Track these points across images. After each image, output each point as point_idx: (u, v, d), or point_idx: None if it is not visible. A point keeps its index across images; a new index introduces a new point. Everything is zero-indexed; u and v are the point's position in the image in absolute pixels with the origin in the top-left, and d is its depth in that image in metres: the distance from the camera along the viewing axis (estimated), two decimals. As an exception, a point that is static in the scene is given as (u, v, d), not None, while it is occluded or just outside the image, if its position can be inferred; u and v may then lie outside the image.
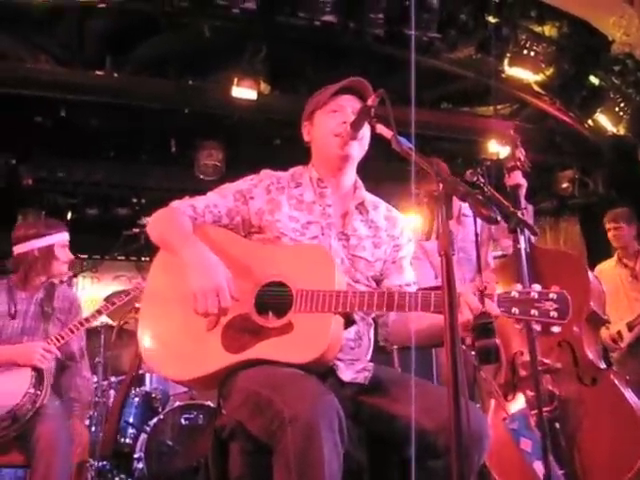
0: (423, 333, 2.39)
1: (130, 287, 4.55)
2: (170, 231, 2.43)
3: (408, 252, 2.66)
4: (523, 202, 3.71)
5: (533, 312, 2.04)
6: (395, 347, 2.58)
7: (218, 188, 2.61)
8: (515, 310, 2.07)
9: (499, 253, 4.73)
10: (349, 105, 2.54)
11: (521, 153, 3.76)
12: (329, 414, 1.95)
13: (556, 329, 2.04)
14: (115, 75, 6.62)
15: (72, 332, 3.87)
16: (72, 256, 4.16)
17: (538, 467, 3.20)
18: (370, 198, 2.67)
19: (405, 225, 2.68)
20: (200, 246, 2.34)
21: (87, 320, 4.01)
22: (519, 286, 2.11)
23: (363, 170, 2.68)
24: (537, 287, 2.08)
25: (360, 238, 2.54)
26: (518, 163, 3.71)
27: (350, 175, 2.63)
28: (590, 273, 3.60)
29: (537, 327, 2.11)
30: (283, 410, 1.96)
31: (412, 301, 2.19)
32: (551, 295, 2.04)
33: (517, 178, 3.69)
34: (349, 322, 2.33)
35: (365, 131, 2.53)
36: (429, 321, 2.32)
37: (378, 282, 2.58)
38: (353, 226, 2.55)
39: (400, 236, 2.64)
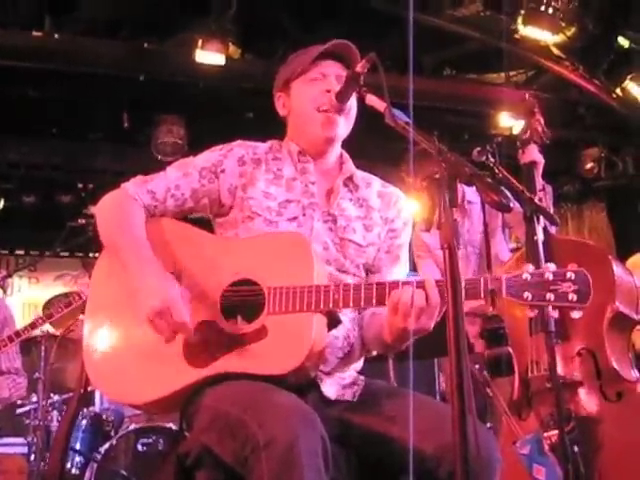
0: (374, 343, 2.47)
1: (74, 290, 4.54)
2: (120, 236, 2.42)
3: (406, 239, 2.66)
4: (540, 182, 3.69)
5: (549, 296, 2.05)
6: (374, 353, 2.60)
7: (179, 162, 2.59)
8: (528, 295, 2.07)
9: (513, 245, 4.73)
10: (333, 72, 2.53)
11: (539, 123, 3.74)
12: (311, 436, 1.95)
13: (576, 314, 2.06)
14: (56, 36, 6.56)
15: None
16: None
17: (554, 497, 3.22)
18: (361, 174, 2.67)
19: (402, 206, 2.67)
20: (151, 264, 2.33)
21: (18, 334, 3.98)
22: (531, 267, 2.12)
23: (349, 149, 2.68)
24: (552, 266, 2.09)
25: (349, 219, 2.54)
26: (535, 135, 3.70)
27: (335, 151, 2.63)
28: (616, 266, 3.57)
29: (554, 314, 2.13)
30: (257, 433, 1.96)
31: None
32: (568, 275, 2.05)
33: (533, 154, 3.68)
34: (334, 322, 2.32)
35: (352, 103, 2.53)
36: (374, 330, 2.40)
37: (368, 273, 2.58)
38: (340, 205, 2.55)
39: (396, 219, 2.63)
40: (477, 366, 3.82)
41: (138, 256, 2.35)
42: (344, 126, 2.56)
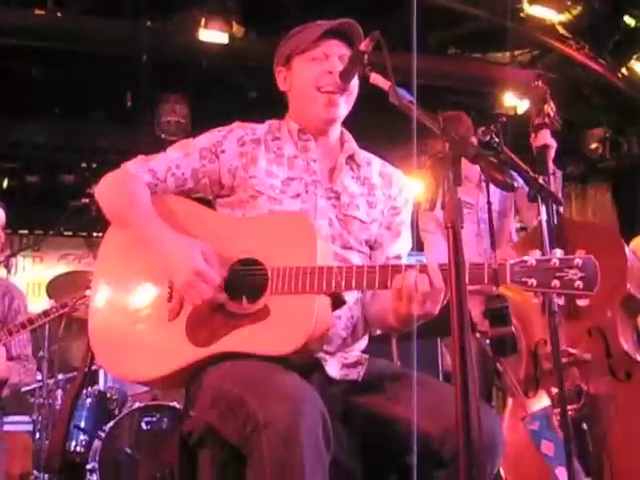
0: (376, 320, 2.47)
1: (78, 269, 4.56)
2: (130, 209, 2.42)
3: (406, 216, 2.66)
4: (551, 166, 3.72)
5: (554, 283, 2.01)
6: (378, 332, 2.60)
7: (179, 143, 2.59)
8: (532, 281, 2.03)
9: (518, 225, 4.74)
10: (335, 52, 2.50)
11: (551, 108, 3.76)
12: (311, 416, 1.95)
13: (582, 302, 2.03)
14: (58, 15, 6.54)
15: (10, 334, 3.84)
16: (2, 235, 4.13)
17: (561, 474, 3.23)
18: (362, 153, 2.66)
19: (403, 184, 2.67)
20: (167, 232, 2.35)
21: (30, 321, 3.99)
22: (538, 252, 2.09)
23: (351, 127, 2.66)
24: (558, 253, 2.06)
25: (353, 196, 2.53)
26: (547, 120, 3.72)
27: (336, 130, 2.62)
28: (627, 249, 3.60)
29: (559, 300, 2.09)
30: (257, 412, 1.96)
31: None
32: (576, 261, 2.01)
33: (545, 138, 3.70)
34: (338, 302, 2.31)
35: (354, 82, 2.50)
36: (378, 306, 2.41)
37: (370, 248, 2.57)
38: (343, 182, 2.54)
39: (398, 196, 2.63)
40: (487, 341, 3.85)
41: (154, 227, 2.36)
42: (345, 106, 2.54)
